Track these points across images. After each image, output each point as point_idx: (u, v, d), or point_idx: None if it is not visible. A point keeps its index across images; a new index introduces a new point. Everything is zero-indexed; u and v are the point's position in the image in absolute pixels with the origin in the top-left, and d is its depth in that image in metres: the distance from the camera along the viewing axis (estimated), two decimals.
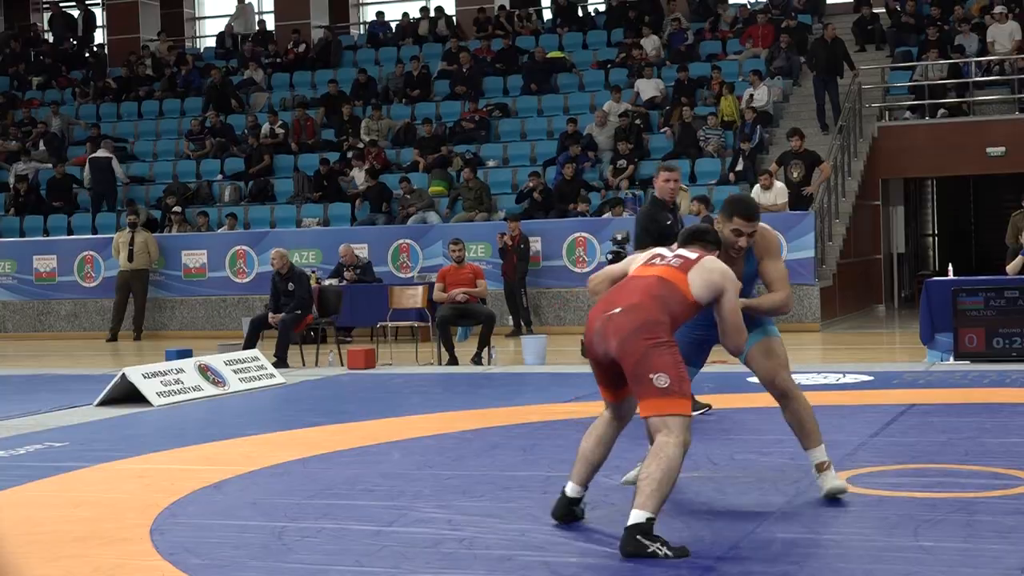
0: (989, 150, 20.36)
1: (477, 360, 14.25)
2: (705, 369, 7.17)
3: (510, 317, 18.17)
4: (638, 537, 5.27)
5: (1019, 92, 20.91)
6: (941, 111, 21.09)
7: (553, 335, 16.32)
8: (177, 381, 11.70)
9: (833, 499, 6.27)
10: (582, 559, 5.40)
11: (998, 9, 21.68)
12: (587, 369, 13.72)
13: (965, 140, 20.62)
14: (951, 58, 21.35)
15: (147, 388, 11.31)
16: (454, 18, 27.78)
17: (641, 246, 8.74)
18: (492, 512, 6.37)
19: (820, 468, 6.38)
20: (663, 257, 5.92)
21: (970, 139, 20.60)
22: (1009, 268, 13.85)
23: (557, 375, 12.78)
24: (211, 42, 30.47)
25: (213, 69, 26.24)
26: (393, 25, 27.95)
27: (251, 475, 7.67)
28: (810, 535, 5.74)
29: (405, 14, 28.16)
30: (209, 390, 11.90)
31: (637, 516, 5.32)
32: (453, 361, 14.33)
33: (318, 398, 11.85)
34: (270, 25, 29.37)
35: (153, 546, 5.88)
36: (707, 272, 5.79)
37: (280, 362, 14.24)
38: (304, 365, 14.86)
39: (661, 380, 5.49)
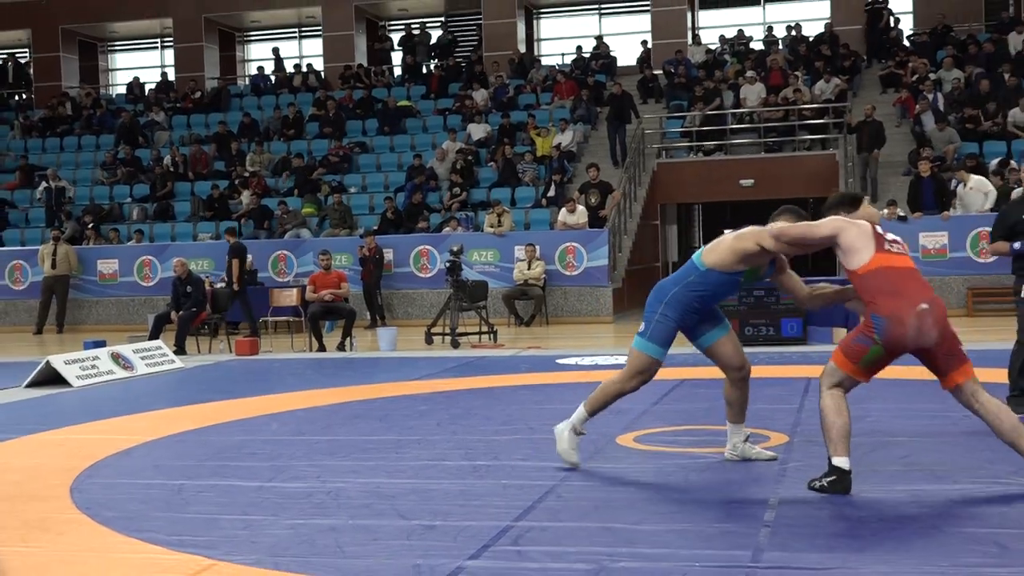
0: (742, 182, 20.84)
1: (341, 348, 14.15)
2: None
3: (368, 313, 18.05)
4: None
5: (764, 137, 21.48)
6: (704, 151, 21.55)
7: (402, 327, 16.27)
8: (93, 366, 11.40)
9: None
10: (424, 502, 5.38)
11: (749, 73, 22.24)
12: (431, 354, 13.73)
13: (723, 174, 21.08)
14: (713, 110, 21.83)
15: (68, 372, 11.01)
16: (322, 72, 27.61)
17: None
18: (354, 469, 6.31)
19: (746, 440, 6.19)
20: (896, 243, 5.48)
21: (727, 173, 21.05)
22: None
23: (405, 359, 12.73)
24: (122, 89, 29.70)
25: (123, 112, 25.62)
26: (273, 78, 27.70)
27: (155, 443, 7.47)
28: (605, 484, 5.78)
29: (282, 68, 27.95)
30: (120, 374, 11.60)
31: None
32: (322, 348, 14.20)
33: (211, 379, 11.60)
34: (171, 76, 28.79)
35: (72, 502, 5.69)
36: None
37: (179, 350, 13.94)
38: (199, 352, 14.55)
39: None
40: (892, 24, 24.08)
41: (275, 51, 28.98)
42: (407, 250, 18.77)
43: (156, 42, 31.09)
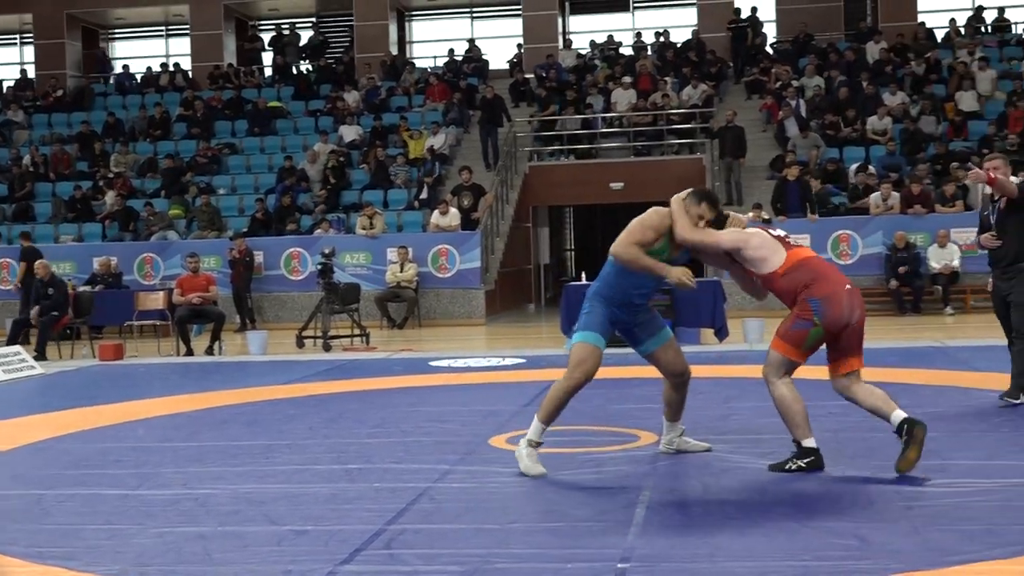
0: (612, 185, 21.07)
1: (210, 351, 13.89)
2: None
3: (237, 316, 17.76)
4: None
5: (634, 141, 21.78)
6: (575, 154, 21.76)
7: (273, 331, 16.04)
8: None
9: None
10: (295, 507, 5.30)
11: (626, 79, 22.51)
12: (302, 357, 13.54)
13: (594, 177, 21.29)
14: (584, 114, 22.05)
15: None
16: (190, 72, 27.07)
17: None
18: (222, 476, 6.19)
19: (683, 433, 6.36)
20: (790, 237, 5.86)
21: (597, 176, 21.27)
22: None
23: (276, 363, 12.56)
24: None
25: None
26: (138, 76, 27.06)
27: (13, 452, 7.22)
28: (478, 486, 5.78)
29: (149, 68, 27.32)
30: None
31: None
32: (189, 352, 13.91)
33: (73, 385, 11.27)
34: (31, 74, 27.90)
35: None
36: None
37: (40, 355, 13.51)
38: (61, 358, 14.11)
39: None
40: (754, 36, 24.61)
41: None
42: (278, 252, 18.53)
43: (15, 38, 30.10)
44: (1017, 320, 7.67)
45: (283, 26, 27.88)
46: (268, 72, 27.18)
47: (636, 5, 28.61)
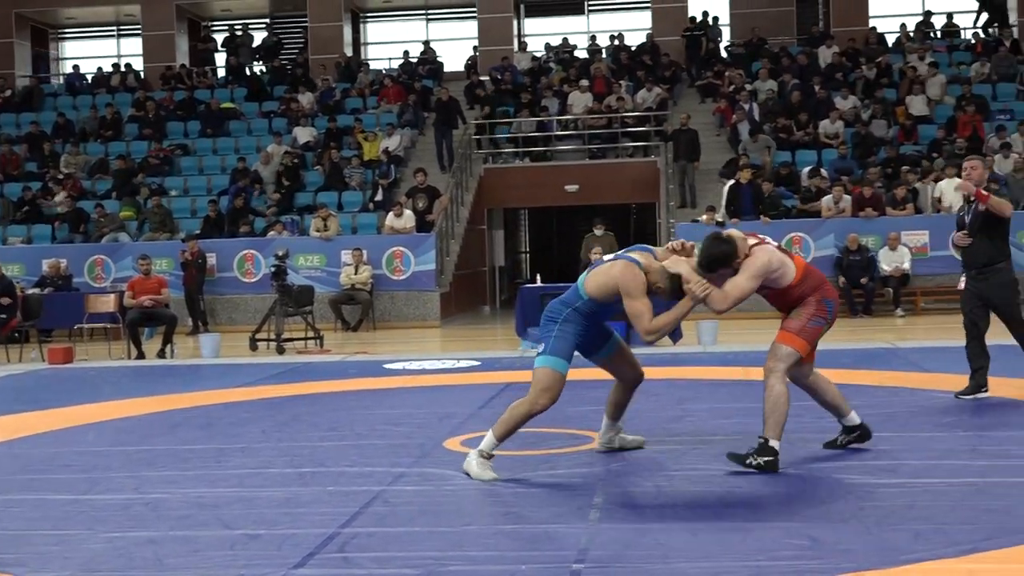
0: (567, 187, 21.14)
1: (161, 355, 13.76)
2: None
3: (190, 319, 17.61)
4: None
5: (589, 144, 21.85)
6: (531, 157, 21.79)
7: (226, 333, 15.93)
8: None
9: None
10: (248, 510, 5.26)
11: (583, 82, 22.57)
12: (255, 360, 13.45)
13: (549, 179, 21.34)
14: (539, 116, 22.09)
15: None
16: (142, 72, 26.82)
17: None
18: (175, 479, 6.13)
19: (620, 431, 6.49)
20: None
21: (553, 179, 21.32)
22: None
23: (229, 366, 12.47)
24: None
25: None
26: (89, 77, 26.76)
27: None
28: (432, 488, 5.77)
29: (100, 68, 27.03)
30: None
31: None
32: (141, 356, 13.78)
33: (22, 389, 11.12)
34: None
35: None
36: None
37: None
38: (9, 361, 13.92)
39: None
40: (708, 41, 24.75)
41: None
42: (231, 254, 18.39)
43: None
44: (1008, 316, 8.08)
45: (236, 27, 27.71)
46: (221, 73, 26.99)
47: (591, 8, 28.72)
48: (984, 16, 25.36)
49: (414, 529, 4.89)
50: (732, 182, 17.98)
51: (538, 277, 15.02)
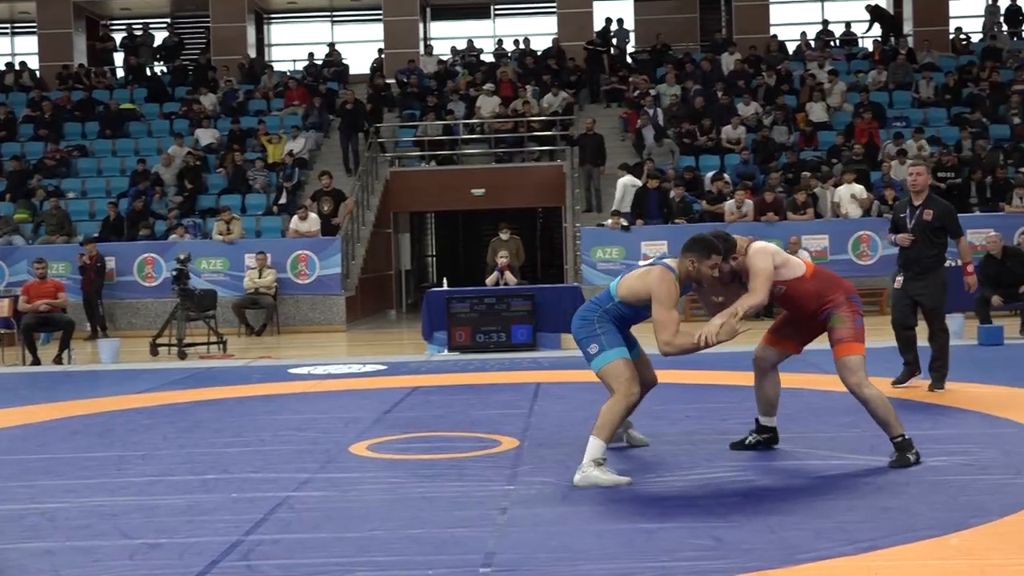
0: (473, 191, 21.14)
1: (58, 360, 13.45)
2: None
3: (88, 324, 17.24)
4: None
5: (495, 147, 21.89)
6: (437, 160, 21.75)
7: (126, 338, 15.65)
8: None
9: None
10: (149, 519, 5.17)
11: (488, 85, 22.59)
12: (156, 365, 13.22)
13: (455, 183, 21.33)
14: (445, 120, 22.07)
15: None
16: (37, 71, 26.18)
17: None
18: (72, 488, 5.99)
19: (629, 427, 6.60)
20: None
21: (459, 182, 21.32)
22: (489, 281, 14.45)
23: (129, 372, 12.23)
24: None
25: None
26: None
27: None
28: (338, 494, 5.72)
29: None
30: None
31: None
32: (36, 362, 13.45)
33: None
34: None
35: None
36: None
37: None
38: None
39: None
40: (613, 49, 24.96)
41: None
42: (131, 258, 18.05)
43: None
44: (932, 319, 8.59)
45: (136, 26, 27.21)
46: (120, 73, 26.47)
47: (497, 13, 28.80)
48: (876, 27, 25.99)
49: (320, 535, 4.85)
50: (634, 182, 18.08)
51: (445, 281, 15.00)
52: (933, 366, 8.65)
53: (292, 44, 28.49)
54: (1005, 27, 25.93)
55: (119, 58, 26.95)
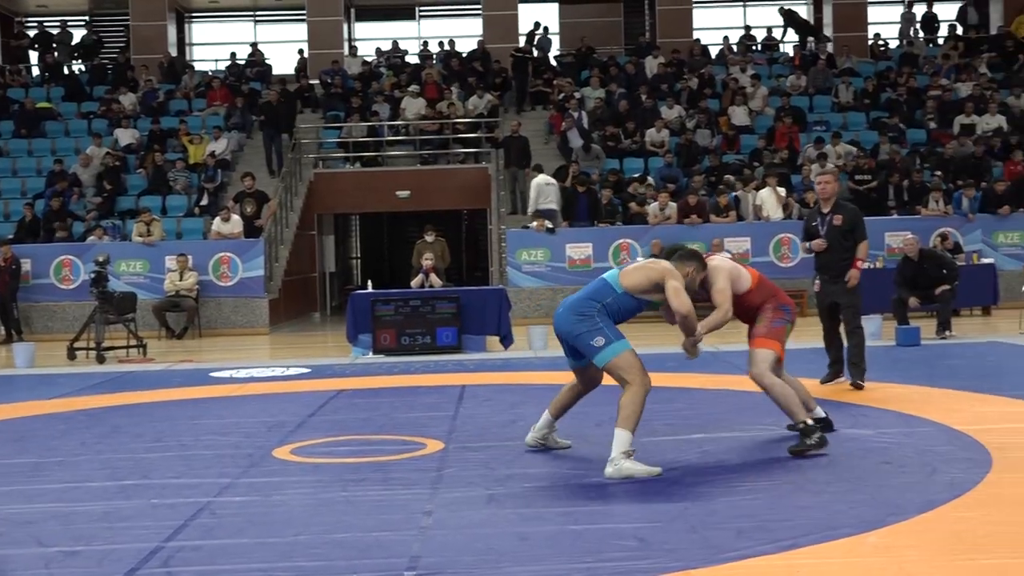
0: (398, 193, 21.07)
1: None
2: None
3: (2, 327, 16.88)
4: None
5: (420, 149, 21.84)
6: (362, 162, 21.64)
7: (42, 343, 15.36)
8: None
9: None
10: (65, 526, 5.07)
11: (413, 87, 22.52)
12: (73, 370, 12.98)
13: (380, 185, 21.25)
14: (369, 121, 21.98)
15: None
16: None
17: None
18: None
19: (555, 430, 6.73)
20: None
21: (384, 184, 21.24)
22: (414, 283, 14.41)
23: (44, 376, 12.00)
24: None
25: None
26: None
27: None
28: (261, 498, 5.66)
29: None
30: None
31: None
32: None
33: None
34: None
35: None
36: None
37: None
38: None
39: None
40: (538, 52, 25.04)
41: None
42: (47, 260, 17.71)
43: None
44: (849, 318, 8.89)
45: (53, 23, 26.71)
46: (36, 71, 25.96)
47: (422, 14, 28.76)
48: (791, 31, 26.39)
49: (242, 541, 4.80)
50: (547, 181, 18.09)
51: (369, 283, 14.93)
52: (851, 362, 8.98)
53: (214, 44, 28.18)
54: (921, 34, 26.49)
55: (35, 56, 26.43)
